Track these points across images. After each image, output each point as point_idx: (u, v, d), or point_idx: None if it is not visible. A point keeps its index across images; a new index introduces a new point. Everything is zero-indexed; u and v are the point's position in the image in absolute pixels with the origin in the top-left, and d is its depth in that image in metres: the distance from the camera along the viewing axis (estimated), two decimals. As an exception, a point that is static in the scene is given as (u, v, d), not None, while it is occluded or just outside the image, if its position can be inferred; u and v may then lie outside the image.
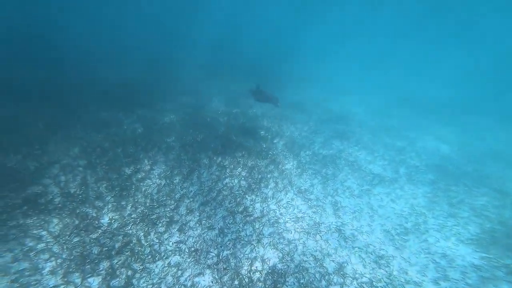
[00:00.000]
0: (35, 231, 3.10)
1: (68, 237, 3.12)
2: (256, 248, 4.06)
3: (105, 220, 3.57)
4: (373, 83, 19.24)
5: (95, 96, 6.89)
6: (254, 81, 12.85)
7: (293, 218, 4.75)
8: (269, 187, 5.38)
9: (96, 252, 3.08)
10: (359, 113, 11.33)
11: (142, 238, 3.48)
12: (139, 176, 4.51)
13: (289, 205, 5.03)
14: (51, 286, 2.64)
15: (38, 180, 3.79)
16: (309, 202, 5.16)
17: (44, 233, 3.10)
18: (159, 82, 9.50)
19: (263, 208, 4.87)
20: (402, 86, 20.15)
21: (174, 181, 4.74)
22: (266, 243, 4.19)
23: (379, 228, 4.55)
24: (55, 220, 3.28)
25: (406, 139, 8.97)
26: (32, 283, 2.62)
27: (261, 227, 4.46)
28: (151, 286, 2.92)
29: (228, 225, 4.35)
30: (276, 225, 4.57)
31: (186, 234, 3.87)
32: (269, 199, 5.09)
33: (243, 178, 5.40)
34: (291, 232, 4.46)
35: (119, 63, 10.79)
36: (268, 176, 5.65)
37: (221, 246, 3.93)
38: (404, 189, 5.72)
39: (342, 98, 13.66)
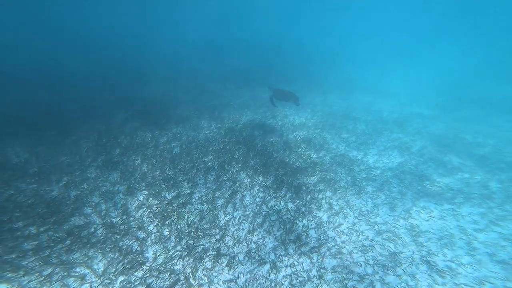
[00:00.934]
0: (78, 269, 2.97)
1: (113, 276, 2.93)
2: (319, 287, 3.51)
3: (149, 254, 3.35)
4: (419, 82, 17.81)
5: (131, 113, 7.17)
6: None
7: (359, 247, 4.12)
8: (322, 209, 4.83)
9: (142, 295, 2.83)
10: (415, 117, 10.30)
11: (190, 276, 3.17)
12: (180, 201, 4.32)
13: (352, 231, 4.41)
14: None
15: (79, 210, 3.78)
16: (376, 226, 4.47)
17: (88, 271, 2.95)
18: (187, 95, 9.73)
19: (319, 235, 4.32)
20: (455, 83, 18.33)
21: (217, 206, 4.46)
22: (331, 280, 3.61)
23: (489, 259, 3.68)
24: (99, 256, 3.14)
25: (485, 146, 7.75)
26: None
27: (321, 260, 3.90)
28: None
29: (281, 257, 3.87)
30: (339, 256, 3.98)
31: (236, 270, 3.48)
32: (324, 225, 4.53)
33: (289, 200, 4.94)
34: (361, 265, 3.82)
35: (145, 79, 11.43)
36: (319, 196, 5.11)
37: (275, 285, 3.45)
38: (506, 208, 4.71)
39: (389, 101, 12.70)
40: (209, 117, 8.10)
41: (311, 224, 4.49)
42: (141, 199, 4.19)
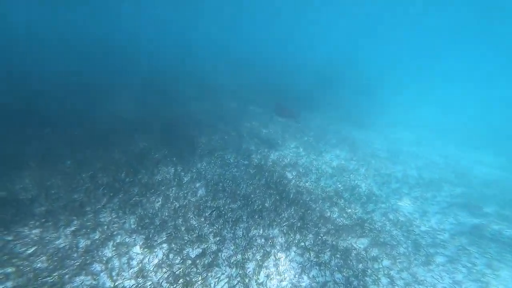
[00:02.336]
0: None
1: None
2: None
3: None
4: (470, 118, 16.96)
5: (153, 140, 7.10)
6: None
7: None
8: (380, 284, 4.14)
9: None
10: (476, 166, 9.49)
11: None
12: (206, 261, 3.87)
13: (425, 324, 3.66)
14: None
15: (87, 267, 3.44)
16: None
17: None
18: (209, 118, 9.68)
19: (381, 325, 3.61)
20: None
21: (247, 272, 3.94)
22: None
23: None
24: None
25: None
26: None
27: None
28: None
29: None
30: None
31: None
32: (386, 308, 3.82)
33: (336, 269, 4.31)
34: None
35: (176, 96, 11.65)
36: (375, 266, 4.44)
37: None
38: None
39: (437, 140, 12.01)
40: (235, 150, 7.87)
41: (369, 307, 3.81)
42: (161, 256, 3.80)
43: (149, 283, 3.37)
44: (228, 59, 24.01)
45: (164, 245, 3.98)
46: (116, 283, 3.30)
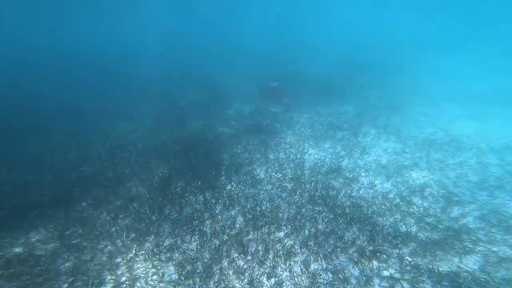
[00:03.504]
0: None
1: None
2: None
3: None
4: None
5: (173, 166, 6.86)
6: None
7: None
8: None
9: None
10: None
11: None
12: (268, 315, 3.52)
13: None
14: None
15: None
16: None
17: None
18: (226, 125, 9.35)
19: None
20: None
21: (320, 320, 3.54)
22: None
23: None
24: None
25: None
26: None
27: None
28: None
29: None
30: None
31: None
32: None
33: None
34: None
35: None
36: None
37: None
38: None
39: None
40: (263, 162, 7.46)
41: None
42: (214, 314, 3.48)
43: None
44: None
45: (214, 298, 3.67)
46: None
